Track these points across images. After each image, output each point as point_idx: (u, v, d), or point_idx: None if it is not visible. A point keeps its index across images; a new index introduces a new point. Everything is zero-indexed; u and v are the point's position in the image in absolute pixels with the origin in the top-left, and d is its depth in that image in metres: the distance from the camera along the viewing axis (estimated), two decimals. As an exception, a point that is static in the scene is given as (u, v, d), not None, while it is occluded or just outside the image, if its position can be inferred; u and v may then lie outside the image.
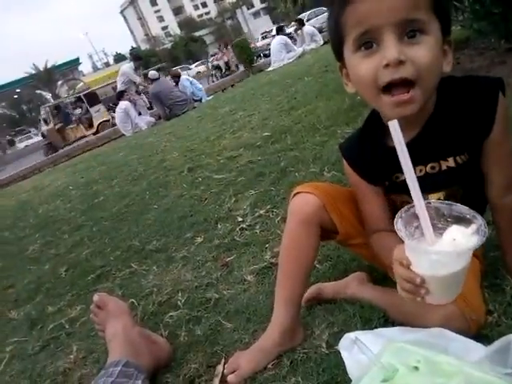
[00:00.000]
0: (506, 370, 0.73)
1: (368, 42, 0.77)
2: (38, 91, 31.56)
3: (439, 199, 0.93)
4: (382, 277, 1.11)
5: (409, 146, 0.89)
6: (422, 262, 0.70)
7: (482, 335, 0.86)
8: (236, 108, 5.28)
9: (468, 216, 0.69)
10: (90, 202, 3.47)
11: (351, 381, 0.84)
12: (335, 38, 0.85)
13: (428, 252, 0.69)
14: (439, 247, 0.68)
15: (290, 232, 1.03)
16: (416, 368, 0.77)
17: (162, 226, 2.26)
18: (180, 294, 1.49)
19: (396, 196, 0.99)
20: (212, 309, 1.34)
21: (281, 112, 3.92)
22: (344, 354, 0.89)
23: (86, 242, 2.52)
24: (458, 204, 0.71)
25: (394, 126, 0.70)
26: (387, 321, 0.99)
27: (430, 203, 0.72)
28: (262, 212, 1.94)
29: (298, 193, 1.02)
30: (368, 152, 0.96)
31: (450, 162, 0.89)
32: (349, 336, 0.90)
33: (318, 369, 0.94)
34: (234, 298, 1.35)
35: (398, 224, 0.70)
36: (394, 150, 0.92)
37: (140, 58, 9.85)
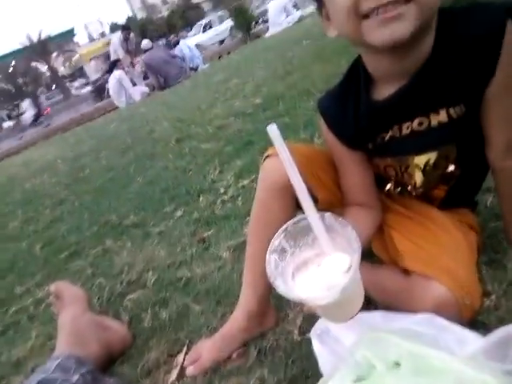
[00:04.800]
0: (505, 367, 0.60)
1: None
2: (34, 63, 30.66)
3: (428, 162, 0.78)
4: (365, 251, 0.97)
5: (393, 98, 0.74)
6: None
7: (478, 321, 0.73)
8: (230, 76, 5.07)
9: (355, 245, 0.55)
10: (75, 175, 3.35)
11: (322, 376, 0.71)
12: None
13: (288, 293, 0.57)
14: (299, 289, 0.58)
15: (260, 202, 0.88)
16: (397, 364, 0.64)
17: (143, 200, 2.14)
18: (151, 273, 1.38)
19: (380, 160, 0.84)
20: (182, 289, 1.22)
21: (275, 78, 3.72)
22: (316, 345, 0.76)
23: (65, 217, 2.41)
24: (350, 226, 0.57)
25: (272, 131, 0.57)
26: (369, 302, 0.85)
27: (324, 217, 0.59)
28: (245, 182, 1.81)
29: (269, 156, 0.86)
30: (350, 109, 0.80)
31: (442, 116, 0.72)
32: (321, 323, 0.77)
33: (287, 360, 0.82)
34: (207, 276, 1.23)
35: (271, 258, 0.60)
36: (379, 104, 0.76)
37: (127, 28, 9.08)
